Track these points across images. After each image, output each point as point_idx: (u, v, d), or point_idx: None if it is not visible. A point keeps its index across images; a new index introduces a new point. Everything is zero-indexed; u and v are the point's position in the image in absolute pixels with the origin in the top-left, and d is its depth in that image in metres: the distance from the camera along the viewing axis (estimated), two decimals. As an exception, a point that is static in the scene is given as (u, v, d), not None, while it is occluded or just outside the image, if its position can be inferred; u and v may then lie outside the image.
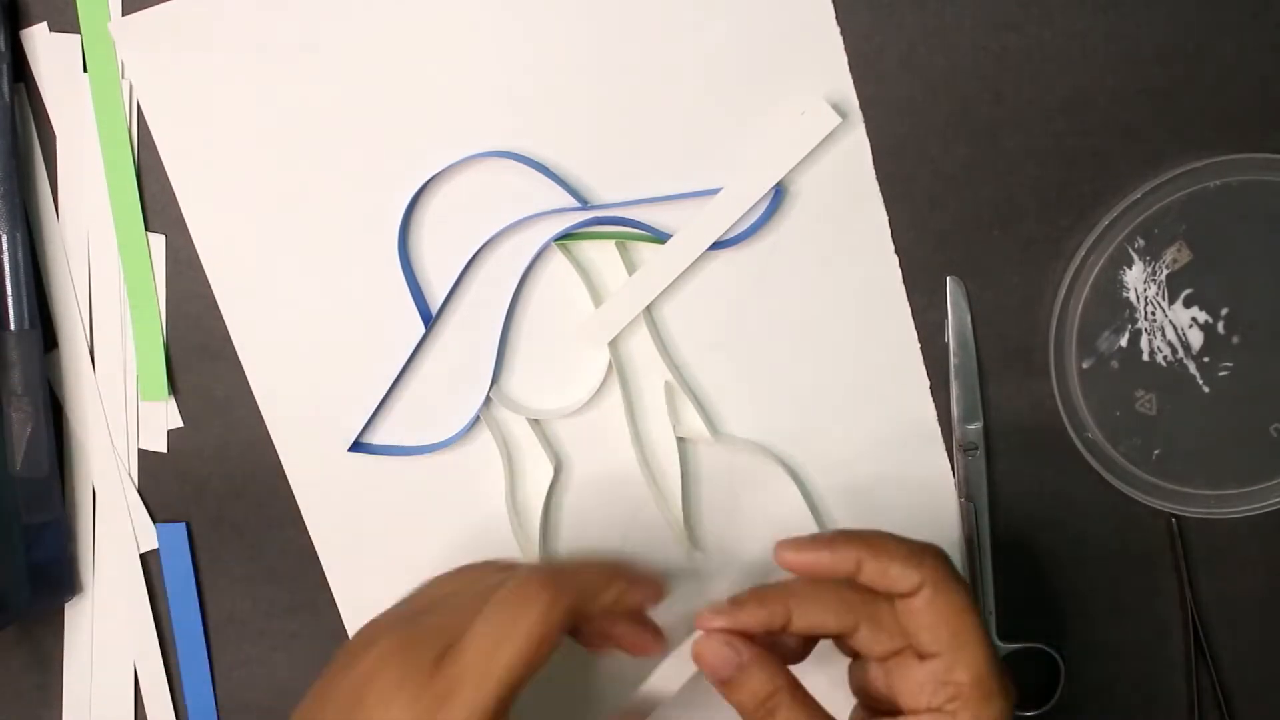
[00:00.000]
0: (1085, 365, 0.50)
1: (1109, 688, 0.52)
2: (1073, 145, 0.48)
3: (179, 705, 0.53)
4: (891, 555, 0.39)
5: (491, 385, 0.50)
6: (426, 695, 0.35)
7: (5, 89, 0.49)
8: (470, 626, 0.36)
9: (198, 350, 0.51)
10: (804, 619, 0.39)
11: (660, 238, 0.49)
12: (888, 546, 0.39)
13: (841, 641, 0.41)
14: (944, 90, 0.48)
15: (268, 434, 0.51)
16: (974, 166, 0.49)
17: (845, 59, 0.48)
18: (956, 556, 0.51)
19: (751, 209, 0.48)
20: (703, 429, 0.50)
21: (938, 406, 0.50)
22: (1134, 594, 0.52)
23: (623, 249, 0.49)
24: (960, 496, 0.50)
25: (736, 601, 0.40)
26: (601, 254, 0.50)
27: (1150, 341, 0.49)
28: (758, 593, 0.40)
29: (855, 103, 0.48)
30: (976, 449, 0.49)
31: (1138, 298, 0.49)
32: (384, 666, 0.36)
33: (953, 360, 0.49)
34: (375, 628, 0.39)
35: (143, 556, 0.52)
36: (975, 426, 0.49)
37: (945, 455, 0.50)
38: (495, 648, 0.36)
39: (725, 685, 0.39)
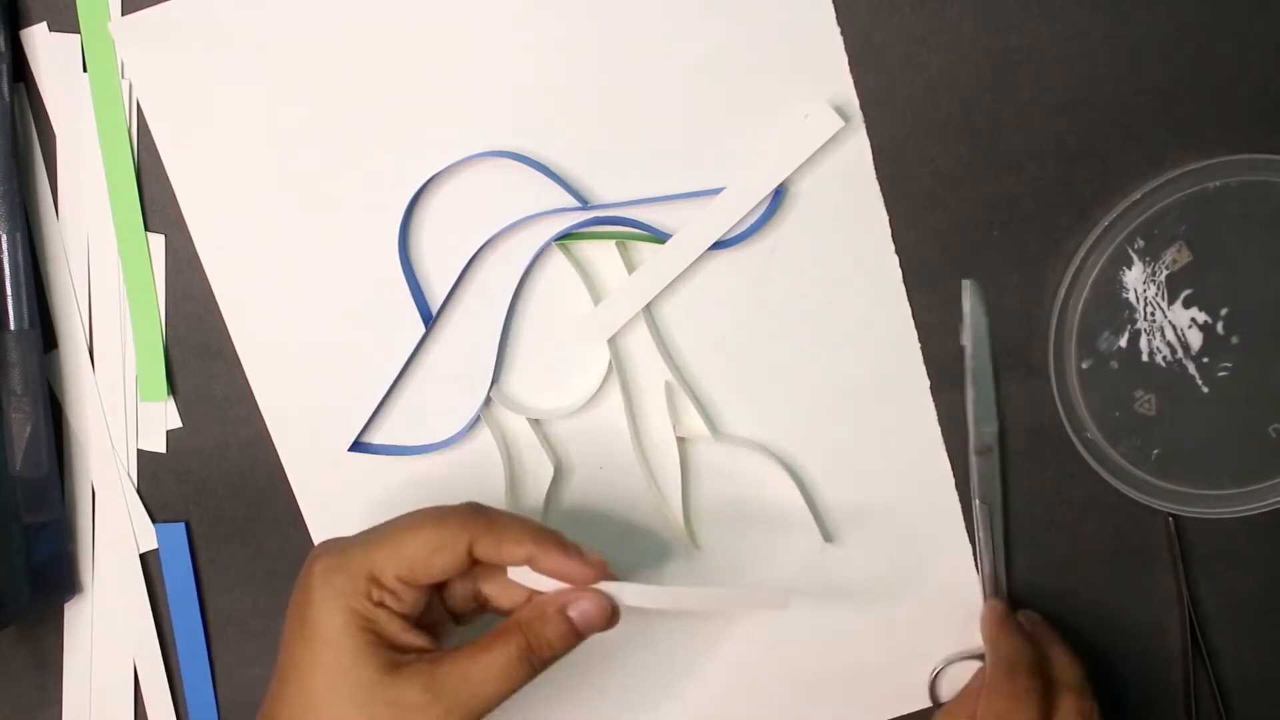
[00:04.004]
0: (1085, 365, 0.50)
1: (1107, 686, 0.52)
2: (1073, 145, 0.48)
3: (179, 705, 0.53)
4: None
5: (491, 385, 0.50)
6: (355, 583, 0.41)
7: (5, 89, 0.49)
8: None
9: (198, 350, 0.51)
10: None
11: (660, 238, 0.49)
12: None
13: None
14: (944, 90, 0.48)
15: (268, 434, 0.51)
16: (974, 166, 0.49)
17: (845, 59, 0.48)
18: (964, 553, 0.51)
19: (752, 209, 0.48)
20: (703, 429, 0.50)
21: (938, 406, 0.50)
22: (1132, 593, 0.52)
23: (623, 249, 0.49)
24: (975, 499, 0.50)
25: None
26: (601, 254, 0.50)
27: (1150, 342, 0.49)
28: None
29: (855, 103, 0.48)
30: (991, 451, 0.50)
31: (1137, 298, 0.49)
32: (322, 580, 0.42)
33: (969, 363, 0.49)
34: (320, 546, 0.44)
35: (143, 556, 0.52)
36: (990, 429, 0.50)
37: (945, 455, 0.50)
38: (397, 556, 0.41)
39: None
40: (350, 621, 0.40)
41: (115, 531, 0.52)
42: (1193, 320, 0.49)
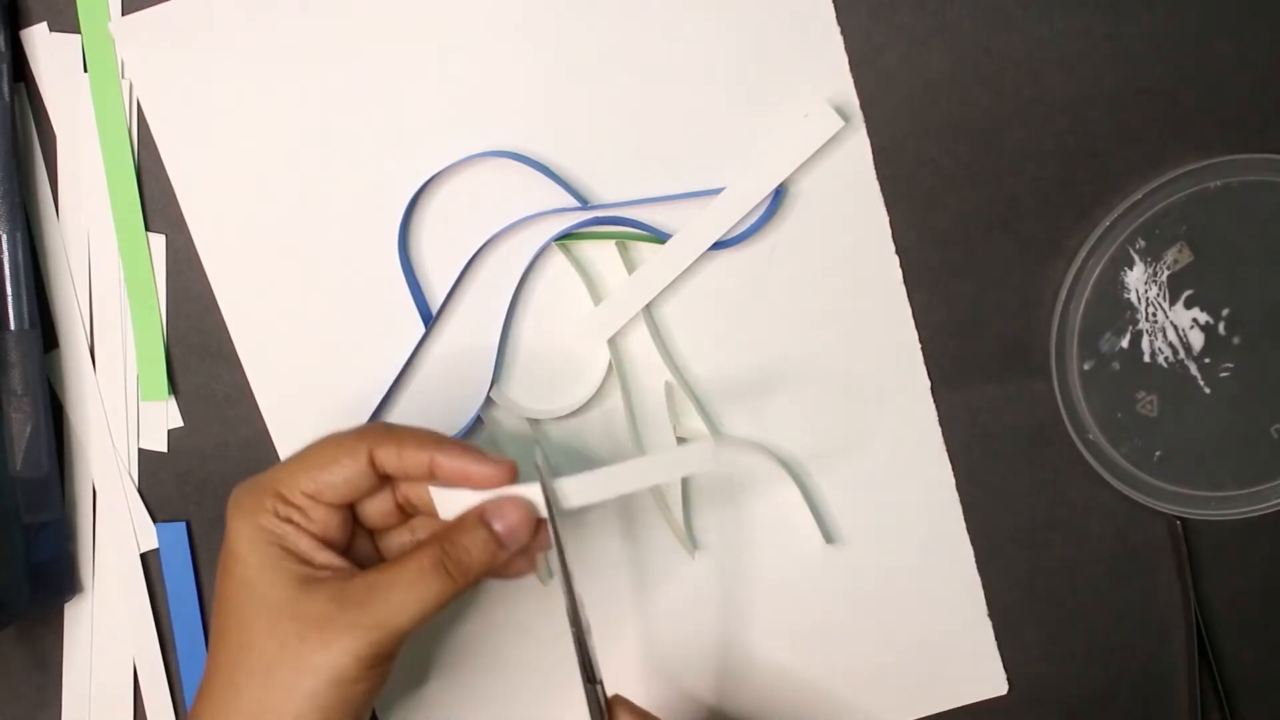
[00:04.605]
0: (1086, 366, 0.49)
1: (1110, 688, 0.52)
2: (1073, 145, 0.48)
3: (179, 705, 0.53)
4: None
5: (491, 385, 0.50)
6: (261, 500, 0.41)
7: (5, 89, 0.49)
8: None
9: (198, 350, 0.51)
10: None
11: (660, 238, 0.49)
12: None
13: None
14: (944, 90, 0.48)
15: (268, 434, 0.51)
16: (974, 166, 0.49)
17: (845, 59, 0.48)
18: (965, 554, 0.51)
19: (752, 209, 0.48)
20: (703, 429, 0.50)
21: (938, 406, 0.50)
22: (1135, 595, 0.52)
23: (622, 249, 0.49)
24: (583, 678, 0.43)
25: None
26: (602, 254, 0.50)
27: (1151, 343, 0.49)
28: None
29: (855, 103, 0.48)
30: (588, 629, 0.43)
31: (1139, 299, 0.49)
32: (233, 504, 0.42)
33: (552, 556, 0.43)
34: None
35: (143, 556, 0.52)
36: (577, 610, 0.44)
37: (945, 455, 0.50)
38: (300, 470, 0.41)
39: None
40: (257, 537, 0.40)
41: (115, 531, 0.52)
42: (1194, 321, 0.49)
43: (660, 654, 0.52)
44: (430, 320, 0.50)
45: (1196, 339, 0.49)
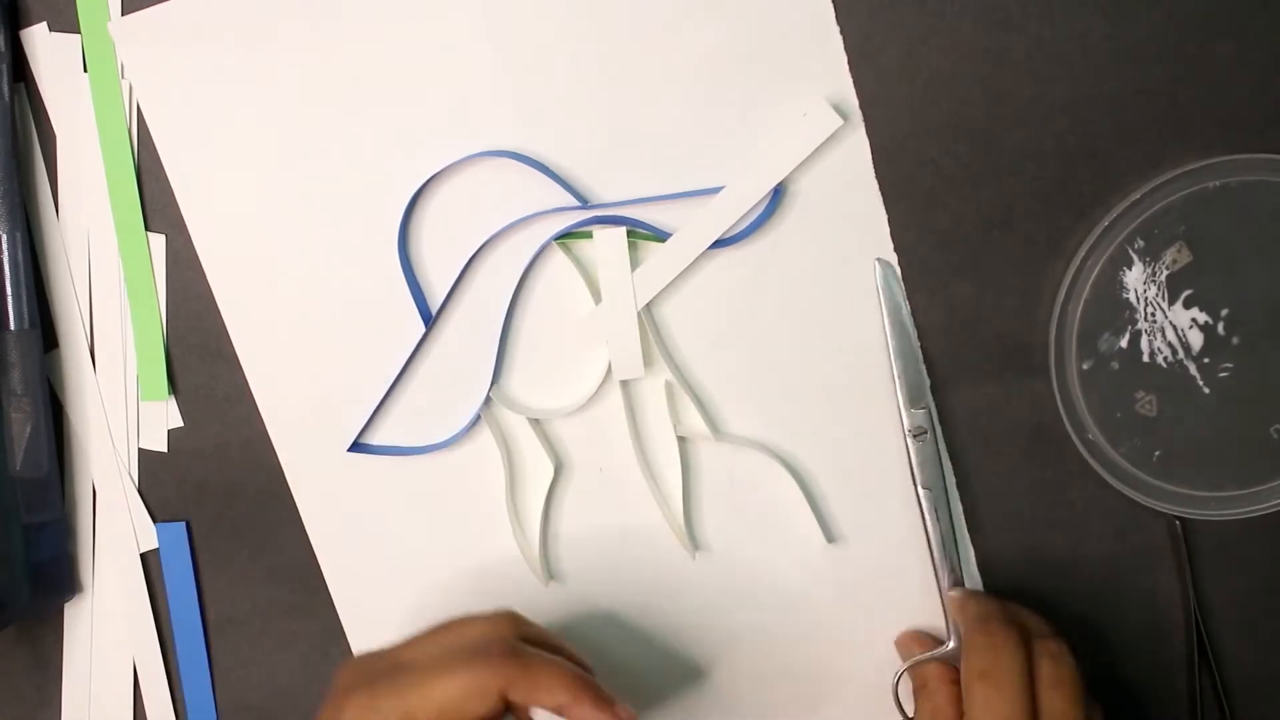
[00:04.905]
0: (1085, 366, 0.49)
1: (1109, 689, 0.52)
2: (1073, 145, 0.48)
3: (179, 705, 0.53)
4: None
5: (491, 385, 0.50)
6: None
7: (5, 89, 0.49)
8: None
9: (198, 350, 0.51)
10: None
11: (660, 237, 0.49)
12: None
13: None
14: (944, 90, 0.48)
15: (268, 434, 0.51)
16: (974, 166, 0.49)
17: (845, 59, 0.48)
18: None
19: (751, 208, 0.48)
20: (703, 429, 0.50)
21: (938, 406, 0.50)
22: (1134, 595, 0.52)
23: (631, 244, 0.49)
24: (917, 485, 0.50)
25: None
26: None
27: (1150, 342, 0.49)
28: None
29: (855, 103, 0.48)
30: (926, 433, 0.49)
31: (1138, 298, 0.49)
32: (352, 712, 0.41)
33: (890, 343, 0.49)
34: (349, 671, 0.44)
35: (143, 556, 0.52)
36: (921, 409, 0.49)
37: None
38: (429, 700, 0.41)
39: None
40: None
41: (115, 531, 0.52)
42: (1193, 320, 0.49)
43: (660, 654, 0.52)
44: (430, 320, 0.50)
45: (1196, 339, 0.49)
